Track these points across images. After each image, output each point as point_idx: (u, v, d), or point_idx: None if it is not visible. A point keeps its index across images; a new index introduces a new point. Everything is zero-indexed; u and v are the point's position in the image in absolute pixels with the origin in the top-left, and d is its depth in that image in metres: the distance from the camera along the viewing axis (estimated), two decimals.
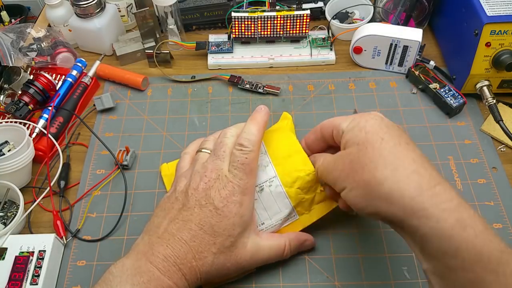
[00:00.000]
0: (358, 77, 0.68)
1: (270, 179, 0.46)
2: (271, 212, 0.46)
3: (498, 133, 0.58)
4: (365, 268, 0.48)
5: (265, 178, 0.46)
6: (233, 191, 0.42)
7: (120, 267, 0.40)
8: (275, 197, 0.46)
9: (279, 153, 0.47)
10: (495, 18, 0.54)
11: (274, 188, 0.46)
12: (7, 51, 0.69)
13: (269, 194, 0.46)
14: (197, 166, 0.45)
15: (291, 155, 0.47)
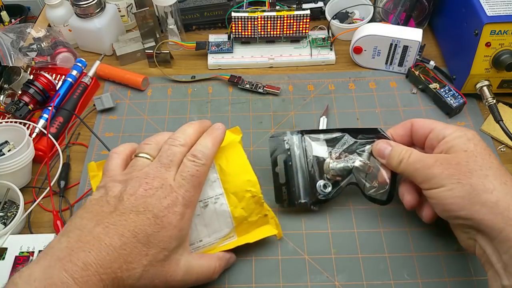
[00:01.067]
0: (358, 77, 0.68)
1: (216, 196, 0.44)
2: (211, 230, 0.45)
3: (498, 133, 0.58)
4: (365, 268, 0.48)
5: (211, 194, 0.44)
6: (176, 202, 0.38)
7: (27, 277, 0.34)
8: (218, 215, 0.44)
9: (228, 170, 0.45)
10: (495, 18, 0.54)
11: (219, 206, 0.44)
12: (7, 51, 0.69)
13: (213, 211, 0.44)
14: (135, 172, 0.40)
15: (240, 174, 0.45)
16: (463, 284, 0.47)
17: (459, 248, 0.49)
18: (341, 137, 0.51)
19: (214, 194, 0.44)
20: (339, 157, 0.50)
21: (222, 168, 0.45)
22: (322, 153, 0.51)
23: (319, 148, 0.51)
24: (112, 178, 0.40)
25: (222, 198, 0.44)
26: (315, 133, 0.52)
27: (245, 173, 0.45)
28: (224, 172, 0.45)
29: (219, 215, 0.44)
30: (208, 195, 0.44)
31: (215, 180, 0.45)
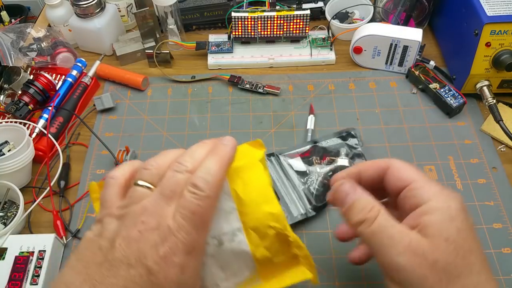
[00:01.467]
0: (358, 77, 0.68)
1: (233, 231, 0.35)
2: (229, 273, 0.36)
3: (498, 133, 0.58)
4: (365, 268, 0.48)
5: (226, 229, 0.35)
6: (175, 250, 0.30)
7: None
8: (236, 255, 0.35)
9: (247, 197, 0.35)
10: (495, 18, 0.54)
11: (237, 244, 0.35)
12: (7, 51, 0.69)
13: (230, 250, 0.35)
14: (132, 205, 0.32)
15: (260, 204, 0.35)
16: None
17: None
18: (313, 147, 0.57)
19: (231, 229, 0.35)
20: (320, 163, 0.55)
21: (239, 196, 0.35)
22: (302, 166, 0.55)
23: (298, 163, 0.55)
24: (109, 212, 0.33)
25: (240, 234, 0.35)
26: (289, 151, 0.56)
27: (266, 203, 0.35)
28: (242, 201, 0.35)
29: (238, 255, 0.35)
30: (223, 230, 0.35)
31: (231, 211, 0.35)
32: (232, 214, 0.35)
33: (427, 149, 0.58)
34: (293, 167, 0.55)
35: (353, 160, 0.55)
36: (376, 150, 0.58)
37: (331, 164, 0.55)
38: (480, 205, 0.52)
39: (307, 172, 0.54)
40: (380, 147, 0.59)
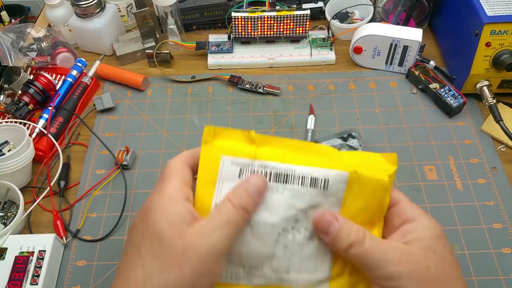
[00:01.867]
0: (358, 77, 0.68)
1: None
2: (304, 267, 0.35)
3: (498, 133, 0.58)
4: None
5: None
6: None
7: None
8: (319, 255, 0.35)
9: (358, 214, 0.35)
10: (495, 18, 0.54)
11: (324, 246, 0.35)
12: (7, 51, 0.69)
13: (316, 248, 0.35)
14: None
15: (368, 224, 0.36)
16: None
17: (459, 248, 0.49)
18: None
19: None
20: None
21: (349, 206, 0.35)
22: None
23: None
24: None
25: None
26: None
27: (376, 224, 0.36)
28: (349, 212, 0.35)
29: (320, 256, 0.35)
30: (311, 231, 0.35)
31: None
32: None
33: (427, 149, 0.58)
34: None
35: None
36: (376, 150, 0.58)
37: None
38: (480, 205, 0.52)
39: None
40: (380, 147, 0.59)
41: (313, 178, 0.34)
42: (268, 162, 0.35)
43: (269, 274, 0.34)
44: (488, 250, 0.49)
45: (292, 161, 0.35)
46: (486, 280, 0.47)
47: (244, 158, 0.34)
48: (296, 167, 0.34)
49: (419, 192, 0.54)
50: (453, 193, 0.54)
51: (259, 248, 0.34)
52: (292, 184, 0.34)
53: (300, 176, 0.34)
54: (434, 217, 0.51)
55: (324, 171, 0.34)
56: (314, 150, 0.36)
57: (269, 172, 0.34)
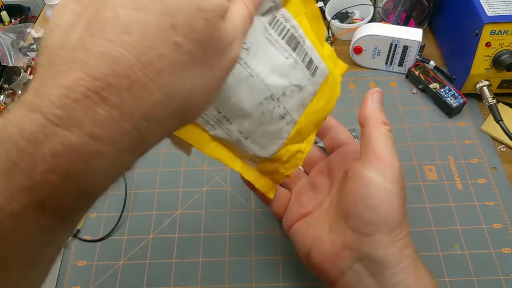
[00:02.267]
0: (358, 77, 0.68)
1: (292, 119, 0.33)
2: (257, 134, 0.33)
3: (498, 133, 0.58)
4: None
5: (293, 114, 0.33)
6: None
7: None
8: (275, 136, 0.33)
9: (323, 110, 0.36)
10: (495, 18, 0.54)
11: (286, 130, 0.34)
12: (7, 51, 0.70)
13: (279, 128, 0.33)
14: None
15: (325, 106, 0.36)
16: (463, 284, 0.47)
17: (459, 248, 0.49)
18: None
19: (293, 117, 0.33)
20: None
21: (317, 101, 0.35)
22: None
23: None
24: None
25: (291, 126, 0.34)
26: None
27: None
28: (313, 109, 0.35)
29: (275, 138, 0.34)
30: (291, 112, 0.33)
31: (304, 106, 0.34)
32: (303, 108, 0.34)
33: (427, 149, 0.58)
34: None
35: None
36: None
37: None
38: (480, 205, 0.52)
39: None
40: None
41: (311, 59, 0.33)
42: (291, 18, 0.31)
43: (233, 133, 0.32)
44: (488, 250, 0.49)
45: (306, 30, 0.33)
46: (486, 280, 0.47)
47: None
48: (306, 40, 0.32)
49: (419, 192, 0.54)
50: (453, 193, 0.54)
51: (244, 102, 0.30)
52: (298, 55, 0.32)
53: (305, 51, 0.33)
54: (434, 218, 0.52)
55: (319, 58, 0.34)
56: (319, 27, 0.34)
57: (287, 29, 0.31)
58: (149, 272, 0.50)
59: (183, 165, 0.58)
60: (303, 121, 0.34)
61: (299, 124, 0.34)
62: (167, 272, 0.50)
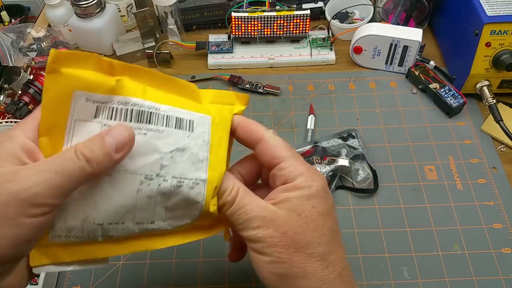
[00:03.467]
0: (358, 77, 0.68)
1: (196, 181, 0.32)
2: (170, 215, 0.33)
3: (498, 133, 0.58)
4: (365, 268, 0.48)
5: (191, 176, 0.32)
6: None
7: None
8: (188, 203, 0.33)
9: (223, 156, 0.34)
10: (495, 18, 0.54)
11: (194, 193, 0.32)
12: (7, 51, 0.69)
13: (184, 196, 0.32)
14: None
15: (224, 164, 0.34)
16: (463, 284, 0.47)
17: (459, 248, 0.49)
18: (314, 148, 0.57)
19: (195, 177, 0.32)
20: (321, 163, 0.55)
21: (215, 149, 0.34)
22: None
23: None
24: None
25: (201, 186, 0.32)
26: None
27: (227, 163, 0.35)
28: (217, 156, 0.34)
29: (189, 204, 0.33)
30: (188, 176, 0.32)
31: (203, 161, 0.33)
32: (203, 163, 0.33)
33: (427, 149, 0.58)
34: None
35: (353, 161, 0.55)
36: (376, 150, 0.58)
37: (331, 164, 0.55)
38: (480, 205, 0.52)
39: None
40: (380, 147, 0.59)
41: (178, 118, 0.32)
42: (130, 98, 0.30)
43: (131, 227, 0.31)
44: (488, 250, 0.49)
45: (156, 98, 0.31)
46: (486, 280, 0.47)
47: (102, 94, 0.29)
48: (160, 106, 0.31)
49: (419, 192, 0.54)
50: (453, 193, 0.54)
51: (119, 200, 0.29)
52: (156, 124, 0.31)
53: (164, 116, 0.31)
54: (434, 217, 0.52)
55: (189, 112, 0.33)
56: (177, 86, 0.34)
57: (130, 110, 0.30)
58: (149, 272, 0.49)
59: None
60: (215, 174, 0.33)
61: (213, 179, 0.33)
62: (167, 272, 0.50)
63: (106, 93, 0.29)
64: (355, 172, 0.55)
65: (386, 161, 0.57)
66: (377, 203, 0.53)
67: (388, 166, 0.56)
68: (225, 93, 0.37)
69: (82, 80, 0.28)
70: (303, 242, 0.31)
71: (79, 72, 0.28)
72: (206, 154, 0.33)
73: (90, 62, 0.29)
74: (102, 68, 0.30)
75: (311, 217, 0.32)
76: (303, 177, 0.33)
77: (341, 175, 0.55)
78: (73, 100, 0.28)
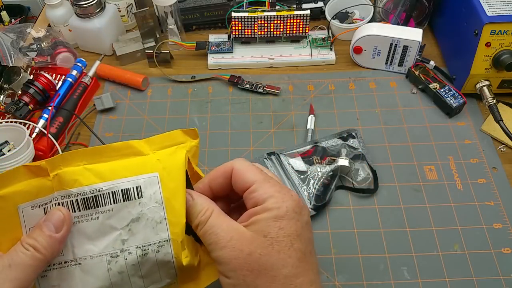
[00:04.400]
0: (358, 77, 0.68)
1: (160, 243, 0.33)
2: (148, 281, 0.34)
3: (498, 133, 0.58)
4: (365, 268, 0.48)
5: (154, 240, 0.33)
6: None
7: None
8: (160, 265, 0.34)
9: (181, 207, 0.34)
10: (495, 18, 0.54)
11: (162, 255, 0.33)
12: (7, 51, 0.69)
13: (154, 261, 0.33)
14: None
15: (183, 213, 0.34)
16: (463, 284, 0.47)
17: (459, 248, 0.49)
18: (314, 148, 0.57)
19: (158, 240, 0.33)
20: (321, 163, 0.55)
21: (172, 204, 0.34)
22: (302, 166, 0.55)
23: (298, 163, 0.55)
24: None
25: (166, 245, 0.33)
26: (289, 150, 0.57)
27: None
28: (175, 210, 0.34)
29: (162, 266, 0.34)
30: (150, 241, 0.33)
31: (161, 221, 0.33)
32: (162, 224, 0.33)
33: (427, 149, 0.58)
34: (294, 167, 0.55)
35: (353, 161, 0.55)
36: (376, 150, 0.58)
37: (331, 164, 0.55)
38: (480, 205, 0.52)
39: (307, 171, 0.55)
40: (380, 147, 0.59)
41: (124, 190, 0.33)
42: (70, 191, 0.32)
43: None
44: (488, 250, 0.49)
45: (96, 174, 0.33)
46: (486, 280, 0.47)
47: (43, 197, 0.32)
48: (101, 185, 0.32)
49: (419, 192, 0.54)
50: (453, 193, 0.54)
51: (95, 284, 0.32)
52: (104, 205, 0.32)
53: (109, 193, 0.32)
54: (434, 217, 0.52)
55: (133, 179, 0.33)
56: (115, 151, 0.34)
57: (74, 201, 0.32)
58: None
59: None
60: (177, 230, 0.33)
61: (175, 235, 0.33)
62: None
63: (48, 194, 0.32)
64: (355, 172, 0.55)
65: (386, 161, 0.57)
66: (377, 203, 0.53)
67: (388, 166, 0.56)
68: (170, 135, 0.37)
69: (20, 194, 0.31)
70: (267, 264, 0.31)
71: (15, 187, 0.31)
72: (162, 214, 0.33)
73: (19, 174, 0.31)
74: (33, 173, 0.32)
75: (277, 238, 0.32)
76: (273, 199, 0.33)
77: (341, 175, 0.55)
78: (20, 214, 0.31)
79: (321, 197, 0.52)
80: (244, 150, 0.59)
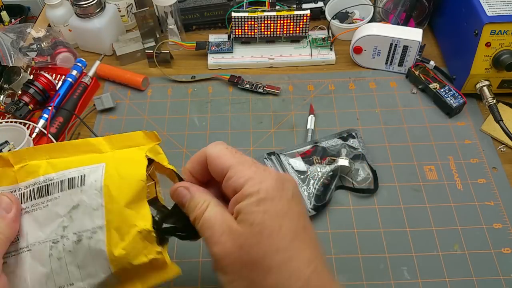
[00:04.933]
0: (358, 77, 0.68)
1: (93, 229, 0.33)
2: (85, 273, 0.34)
3: (498, 133, 0.58)
4: (365, 268, 0.48)
5: (88, 226, 0.33)
6: None
7: None
8: (93, 254, 0.33)
9: (119, 195, 0.34)
10: (495, 18, 0.54)
11: (94, 242, 0.33)
12: (7, 51, 0.69)
13: (87, 248, 0.33)
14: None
15: (132, 203, 0.34)
16: (463, 284, 0.47)
17: (459, 248, 0.49)
18: (314, 148, 0.57)
19: (92, 226, 0.33)
20: (321, 163, 0.55)
21: (111, 192, 0.34)
22: (302, 166, 0.55)
23: (298, 163, 0.56)
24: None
25: (100, 232, 0.33)
26: (289, 150, 0.57)
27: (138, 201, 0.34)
28: (112, 198, 0.34)
29: (94, 255, 0.33)
30: (85, 227, 0.33)
31: (98, 208, 0.34)
32: (98, 211, 0.33)
33: (427, 149, 0.58)
34: (294, 167, 0.55)
35: (353, 161, 0.55)
36: (376, 150, 0.58)
37: (331, 164, 0.55)
38: (480, 205, 0.52)
39: (307, 171, 0.55)
40: (380, 147, 0.59)
41: (70, 179, 0.34)
42: (30, 181, 0.35)
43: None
44: (488, 250, 0.49)
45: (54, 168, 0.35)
46: (486, 280, 0.47)
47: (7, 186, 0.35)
48: (53, 175, 0.35)
49: (419, 192, 0.54)
50: (453, 193, 0.54)
51: (39, 270, 0.33)
52: (53, 193, 0.34)
53: (58, 182, 0.34)
54: (434, 217, 0.52)
55: (80, 169, 0.35)
56: (75, 148, 0.36)
57: (32, 190, 0.35)
58: None
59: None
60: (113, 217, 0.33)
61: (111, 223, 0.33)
62: None
63: (11, 184, 0.35)
64: (355, 172, 0.55)
65: (386, 161, 0.57)
66: (377, 203, 0.53)
67: (388, 166, 0.56)
68: (131, 135, 0.37)
69: None
70: (260, 254, 0.30)
71: None
72: (100, 201, 0.34)
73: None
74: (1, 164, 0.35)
75: (264, 223, 0.30)
76: (250, 181, 0.31)
77: (341, 175, 0.55)
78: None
79: (321, 197, 0.52)
80: (244, 150, 0.59)
